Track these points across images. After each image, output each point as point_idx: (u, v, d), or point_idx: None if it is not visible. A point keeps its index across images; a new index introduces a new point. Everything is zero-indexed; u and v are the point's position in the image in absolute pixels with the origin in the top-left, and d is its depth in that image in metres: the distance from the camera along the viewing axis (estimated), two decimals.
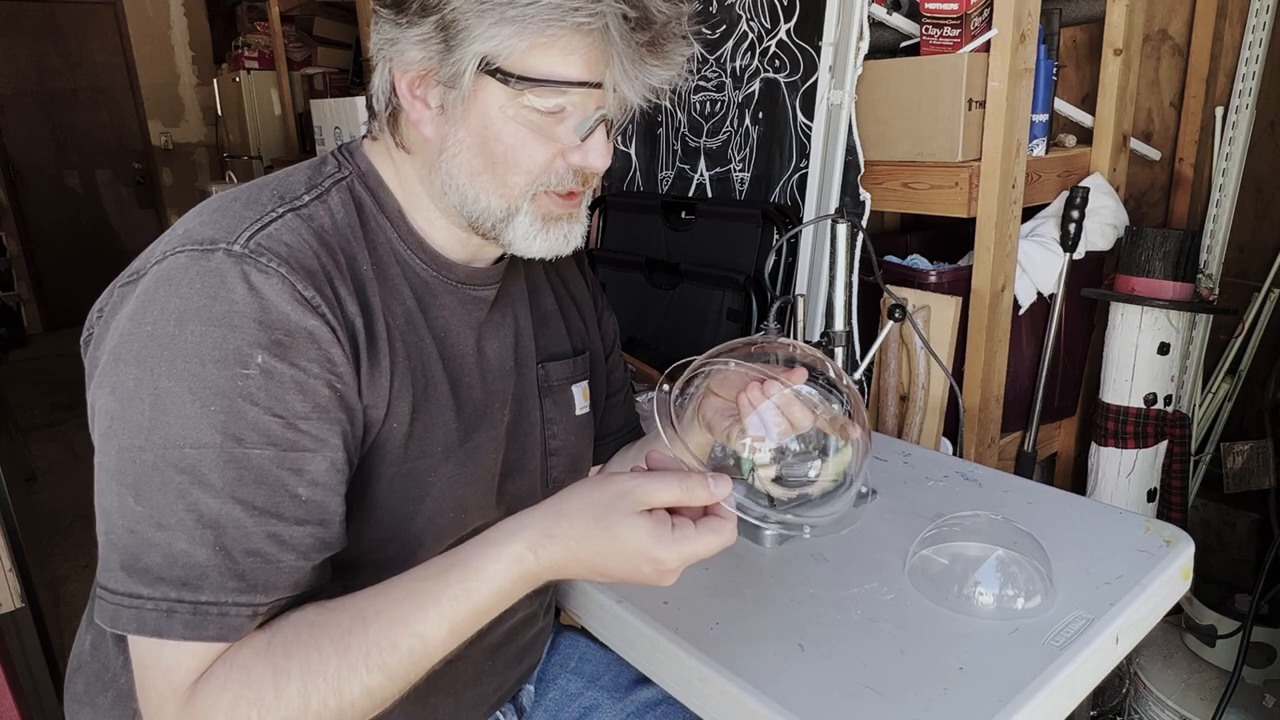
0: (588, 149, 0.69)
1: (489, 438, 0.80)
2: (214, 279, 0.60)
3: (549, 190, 0.71)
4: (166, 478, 0.58)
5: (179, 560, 0.58)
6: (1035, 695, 0.73)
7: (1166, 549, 0.93)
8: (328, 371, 0.63)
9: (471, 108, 0.67)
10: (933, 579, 0.88)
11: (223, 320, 0.59)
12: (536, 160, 0.69)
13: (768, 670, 0.78)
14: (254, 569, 0.60)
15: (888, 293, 1.36)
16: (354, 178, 0.74)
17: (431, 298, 0.75)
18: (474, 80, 0.65)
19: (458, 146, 0.69)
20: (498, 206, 0.71)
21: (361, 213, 0.72)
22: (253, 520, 0.60)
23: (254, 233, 0.63)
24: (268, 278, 0.61)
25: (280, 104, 4.23)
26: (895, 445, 1.28)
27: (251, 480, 0.60)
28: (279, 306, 0.61)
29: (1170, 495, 1.61)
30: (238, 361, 0.59)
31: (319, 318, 0.63)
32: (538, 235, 0.72)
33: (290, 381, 0.61)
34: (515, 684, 0.93)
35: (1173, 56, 1.80)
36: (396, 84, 0.69)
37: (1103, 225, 1.57)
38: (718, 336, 1.66)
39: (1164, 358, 1.52)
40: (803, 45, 1.55)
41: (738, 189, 1.74)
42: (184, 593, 0.58)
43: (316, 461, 0.63)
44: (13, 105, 5.21)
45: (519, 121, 0.67)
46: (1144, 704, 1.55)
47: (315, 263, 0.65)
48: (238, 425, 0.59)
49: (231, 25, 4.94)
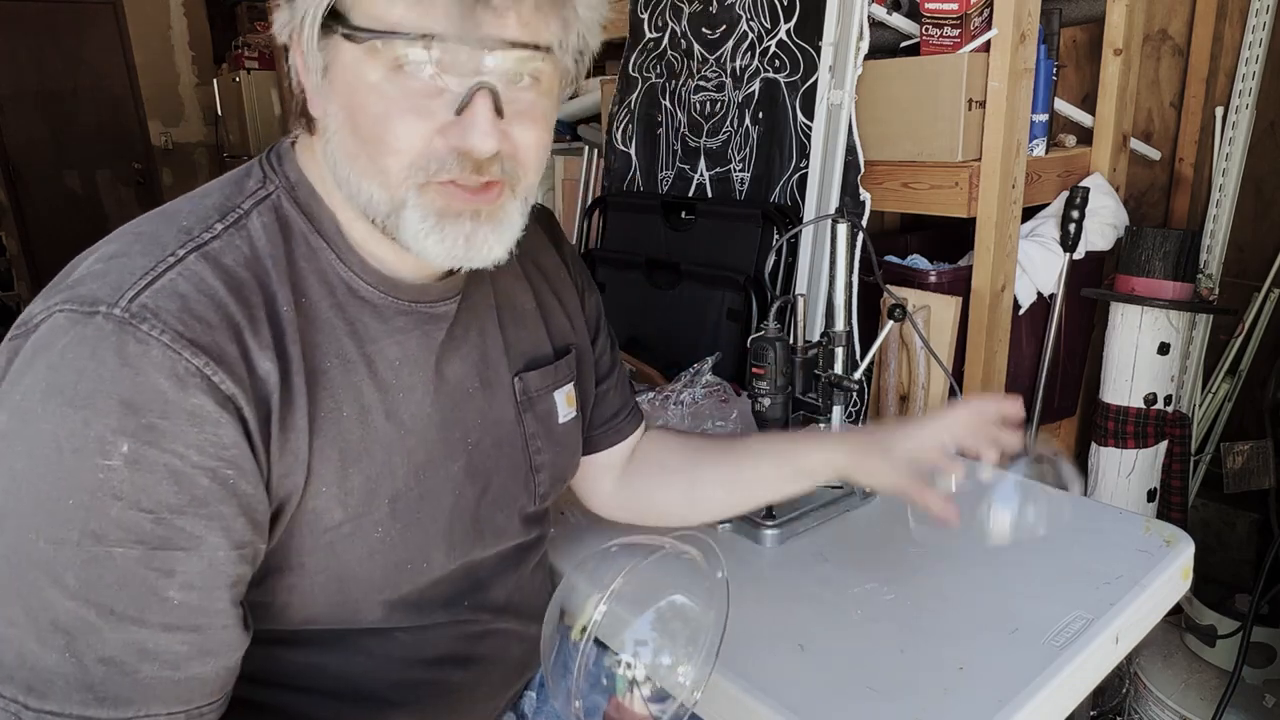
0: (465, 125, 0.58)
1: (453, 471, 0.73)
2: (85, 350, 0.53)
3: (441, 180, 0.60)
4: (20, 571, 0.52)
5: (27, 662, 0.52)
6: (1035, 695, 0.73)
7: (1166, 549, 0.93)
8: (212, 457, 0.55)
9: (335, 74, 0.59)
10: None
11: (85, 402, 0.52)
12: (408, 139, 0.58)
13: (768, 670, 0.78)
14: (107, 679, 0.53)
15: (888, 293, 1.36)
16: (280, 193, 0.65)
17: (381, 323, 0.67)
18: (320, 38, 0.58)
19: (334, 123, 0.60)
20: (381, 197, 0.61)
21: (289, 238, 0.64)
22: (109, 626, 0.53)
23: (142, 288, 0.55)
24: (146, 349, 0.53)
25: (280, 104, 4.23)
26: None
27: (112, 582, 0.53)
28: (155, 384, 0.53)
29: (1170, 495, 1.61)
30: (99, 451, 0.52)
31: (206, 392, 0.54)
32: (430, 234, 0.61)
33: (163, 471, 0.53)
34: (514, 696, 0.91)
35: (1173, 56, 1.80)
36: (294, 62, 0.61)
37: (1103, 225, 1.57)
38: (718, 336, 1.66)
39: (1164, 358, 1.52)
40: (803, 45, 1.55)
41: (738, 189, 1.74)
42: (30, 699, 0.52)
43: (191, 561, 0.55)
44: (13, 105, 5.21)
45: (383, 91, 0.57)
46: (1144, 704, 1.55)
47: (218, 315, 0.57)
48: (98, 521, 0.52)
49: (231, 25, 4.95)
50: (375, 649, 0.72)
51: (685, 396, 1.38)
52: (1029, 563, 0.91)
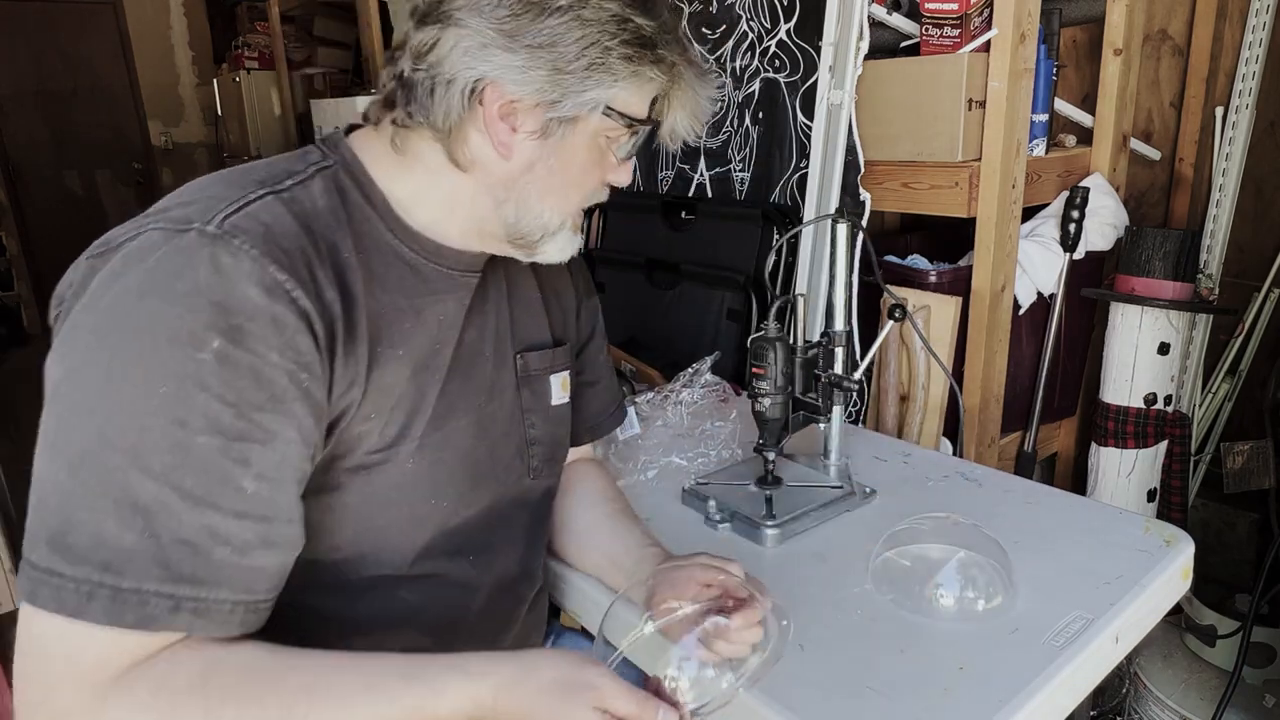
0: (623, 170, 0.79)
1: (466, 424, 0.81)
2: (181, 257, 0.60)
3: (582, 205, 0.79)
4: (104, 455, 0.57)
5: (106, 542, 0.56)
6: (1035, 695, 0.73)
7: (1166, 549, 0.93)
8: (290, 360, 0.62)
9: (570, 137, 0.73)
10: (894, 581, 0.89)
11: (183, 299, 0.58)
12: (594, 181, 0.78)
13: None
14: (182, 559, 0.58)
15: (888, 293, 1.36)
16: (338, 167, 0.74)
17: (422, 283, 0.76)
18: (580, 116, 0.72)
19: (544, 169, 0.74)
20: (554, 221, 0.77)
21: (346, 202, 0.72)
22: (187, 508, 0.58)
23: (230, 213, 0.63)
24: (237, 260, 0.60)
25: (280, 104, 4.23)
26: (895, 445, 1.28)
27: (192, 467, 0.58)
28: (244, 290, 0.60)
29: (1170, 495, 1.61)
30: (191, 343, 0.58)
31: (288, 303, 0.62)
32: (569, 243, 0.80)
33: (247, 368, 0.59)
34: None
35: (1173, 56, 1.80)
36: (486, 103, 0.70)
37: (1103, 225, 1.57)
38: (718, 336, 1.66)
39: (1164, 358, 1.52)
40: (803, 45, 1.55)
41: (738, 189, 1.74)
42: (106, 576, 0.56)
43: (265, 454, 0.61)
44: (12, 105, 5.21)
45: (593, 148, 0.75)
46: (1144, 704, 1.55)
47: (293, 244, 0.64)
48: (185, 409, 0.57)
49: (231, 25, 4.94)
50: (378, 605, 0.76)
51: (684, 396, 1.38)
52: (1029, 563, 0.91)
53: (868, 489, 1.10)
